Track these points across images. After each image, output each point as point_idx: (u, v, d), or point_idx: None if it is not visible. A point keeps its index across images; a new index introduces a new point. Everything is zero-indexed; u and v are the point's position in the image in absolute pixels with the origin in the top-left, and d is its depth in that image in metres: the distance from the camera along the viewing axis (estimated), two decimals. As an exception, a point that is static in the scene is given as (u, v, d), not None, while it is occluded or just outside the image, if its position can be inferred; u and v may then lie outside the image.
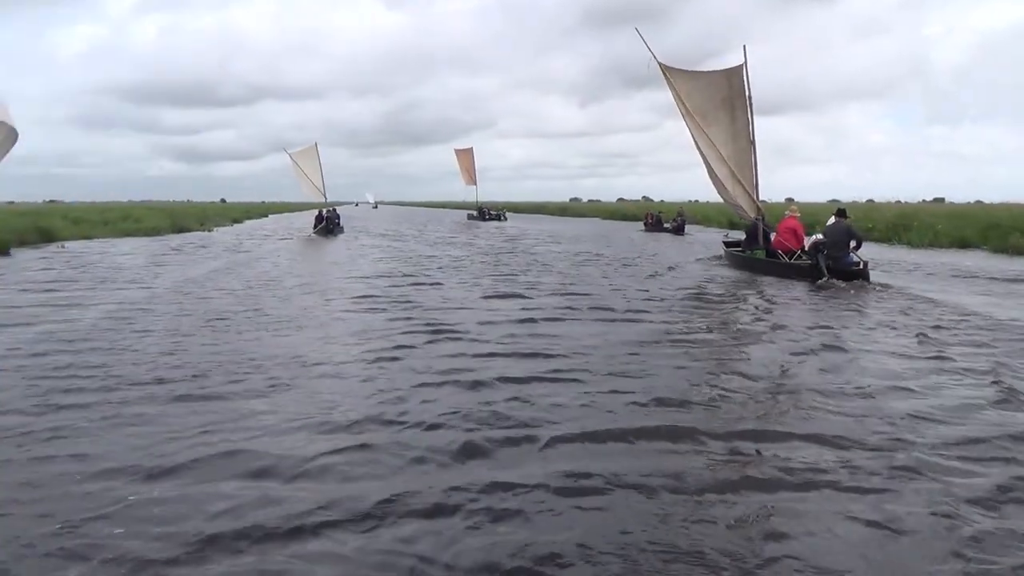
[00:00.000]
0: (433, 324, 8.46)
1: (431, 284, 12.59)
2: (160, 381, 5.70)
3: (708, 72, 16.05)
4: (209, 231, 33.07)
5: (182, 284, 12.23)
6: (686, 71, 16.12)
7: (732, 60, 18.15)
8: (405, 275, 14.00)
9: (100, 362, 6.32)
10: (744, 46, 15.30)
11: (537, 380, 5.89)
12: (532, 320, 8.80)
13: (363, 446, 4.31)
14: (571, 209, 75.01)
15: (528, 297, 10.92)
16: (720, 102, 15.59)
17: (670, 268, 15.72)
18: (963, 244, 20.15)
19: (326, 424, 4.72)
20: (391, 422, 4.76)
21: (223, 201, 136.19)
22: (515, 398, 5.32)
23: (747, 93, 15.38)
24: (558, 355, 6.79)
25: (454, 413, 4.92)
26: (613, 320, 8.92)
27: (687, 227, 32.20)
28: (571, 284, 12.53)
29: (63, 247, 21.10)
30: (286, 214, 74.52)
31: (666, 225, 33.16)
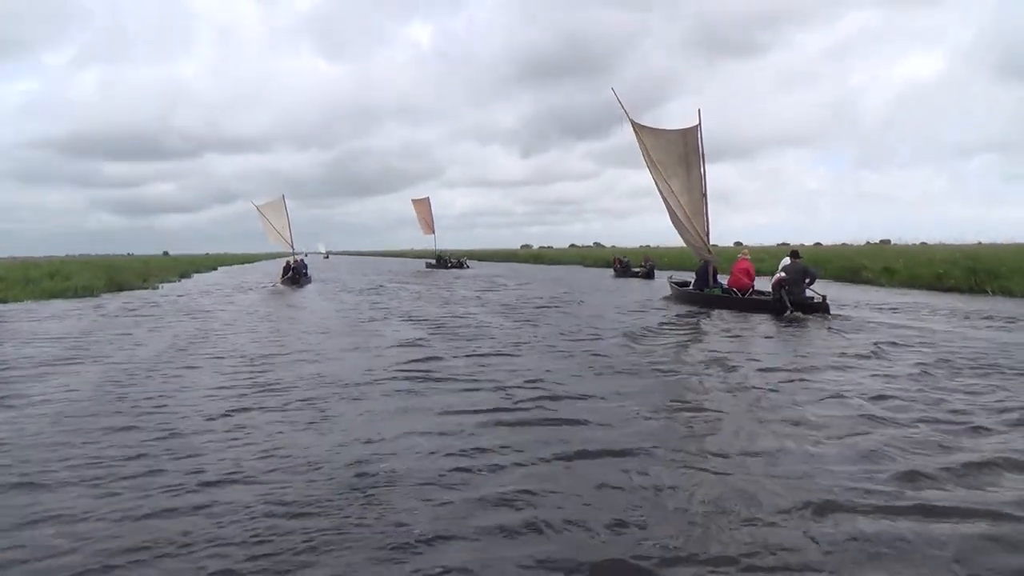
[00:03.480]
0: (592, 439, 4.63)
1: (503, 355, 8.70)
2: None
3: (668, 131, 17.58)
4: (154, 288, 27.85)
5: (114, 382, 7.66)
6: (651, 128, 17.74)
7: (669, 110, 20.21)
8: (447, 346, 9.99)
9: None
10: (699, 110, 16.92)
11: None
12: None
13: None
14: (545, 256, 71.58)
15: (673, 373, 7.10)
16: (678, 158, 17.10)
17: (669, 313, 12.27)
18: None
19: None
20: None
21: (166, 254, 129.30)
22: None
23: (700, 151, 16.87)
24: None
25: None
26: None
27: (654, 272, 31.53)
28: (705, 354, 8.76)
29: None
30: (236, 266, 68.93)
31: (635, 270, 32.99)
